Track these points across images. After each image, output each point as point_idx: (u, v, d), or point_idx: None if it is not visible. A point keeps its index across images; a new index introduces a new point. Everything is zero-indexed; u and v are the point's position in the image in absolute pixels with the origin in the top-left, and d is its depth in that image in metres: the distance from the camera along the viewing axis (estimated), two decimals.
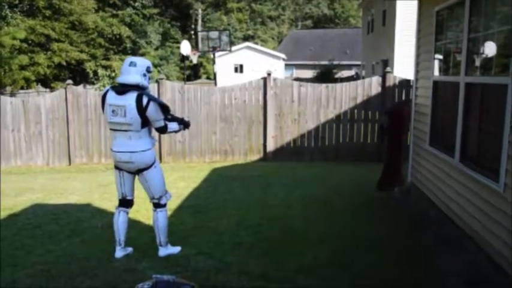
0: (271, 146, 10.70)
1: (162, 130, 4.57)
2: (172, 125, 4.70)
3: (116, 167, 4.60)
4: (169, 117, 4.66)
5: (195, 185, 8.29)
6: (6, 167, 11.05)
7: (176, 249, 4.76)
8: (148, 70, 4.46)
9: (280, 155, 10.67)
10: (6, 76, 22.20)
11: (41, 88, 25.71)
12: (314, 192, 7.45)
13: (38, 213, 6.58)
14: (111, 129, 4.47)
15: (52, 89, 24.37)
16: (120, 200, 4.69)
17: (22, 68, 23.57)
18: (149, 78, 4.50)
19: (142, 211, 6.09)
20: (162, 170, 4.70)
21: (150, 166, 4.52)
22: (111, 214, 6.04)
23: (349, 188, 7.43)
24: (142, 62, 4.46)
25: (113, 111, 4.31)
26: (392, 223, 5.76)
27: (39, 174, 10.24)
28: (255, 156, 10.83)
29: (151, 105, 4.31)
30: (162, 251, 4.68)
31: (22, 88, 24.40)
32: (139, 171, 4.51)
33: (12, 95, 20.86)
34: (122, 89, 4.31)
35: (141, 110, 4.27)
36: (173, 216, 6.26)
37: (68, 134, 10.96)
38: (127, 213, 4.72)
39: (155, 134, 4.76)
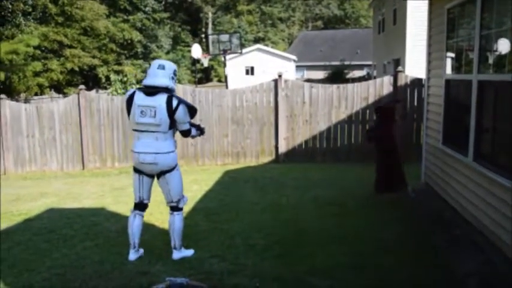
0: (283, 148, 10.68)
1: (186, 133, 4.65)
2: (194, 130, 4.79)
3: (136, 170, 4.60)
4: (191, 122, 4.72)
5: (208, 187, 8.31)
6: (21, 172, 11.19)
7: (190, 252, 4.78)
8: (175, 73, 4.56)
9: (292, 156, 10.65)
10: (20, 83, 22.49)
11: (54, 94, 25.99)
12: (326, 193, 7.42)
13: (52, 218, 6.65)
14: (135, 130, 4.48)
15: (65, 95, 24.62)
16: (136, 204, 4.71)
17: (36, 74, 23.86)
18: (175, 81, 4.58)
19: (156, 214, 6.12)
20: (181, 173, 4.73)
21: (173, 169, 4.55)
22: (125, 218, 6.09)
23: (362, 189, 7.37)
24: (170, 66, 4.55)
25: (142, 111, 4.34)
26: (406, 223, 5.71)
27: (54, 179, 10.34)
28: (267, 158, 10.82)
29: (181, 107, 4.39)
30: (176, 254, 4.69)
31: (36, 94, 24.70)
32: (160, 174, 4.53)
33: (26, 101, 21.11)
34: (151, 90, 4.36)
35: (171, 111, 4.33)
36: (186, 218, 6.26)
37: (81, 139, 11.06)
38: (142, 216, 4.74)
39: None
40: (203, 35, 50.71)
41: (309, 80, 28.10)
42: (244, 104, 10.76)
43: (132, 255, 4.70)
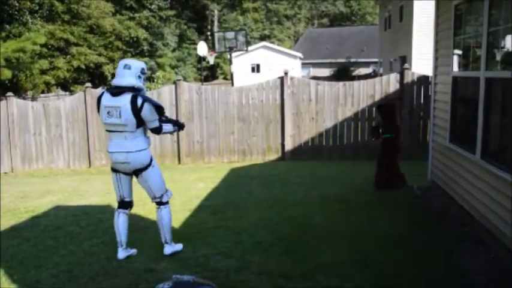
0: (289, 145, 10.67)
1: (157, 131, 4.61)
2: (167, 126, 4.74)
3: (113, 169, 4.68)
4: (164, 118, 4.70)
5: (214, 185, 8.31)
6: (28, 169, 11.25)
7: (180, 246, 4.81)
8: (142, 72, 4.51)
9: (298, 154, 10.64)
10: (27, 81, 22.56)
11: (60, 92, 26.07)
12: (333, 190, 7.41)
13: (59, 215, 6.69)
14: (106, 130, 4.54)
15: (71, 92, 24.69)
16: (118, 202, 4.77)
17: (42, 72, 23.92)
18: (144, 80, 4.54)
19: None
20: (160, 169, 4.74)
21: (147, 166, 4.56)
22: (131, 215, 6.11)
23: (368, 187, 7.35)
24: (137, 64, 4.52)
25: (108, 112, 4.39)
26: (413, 220, 5.69)
27: (60, 176, 10.40)
28: (273, 156, 10.82)
29: (146, 106, 4.37)
30: (168, 249, 4.71)
31: (43, 92, 24.77)
32: (136, 172, 4.57)
33: (33, 99, 21.21)
34: (116, 90, 4.39)
35: (136, 110, 4.34)
36: (192, 216, 6.30)
37: (87, 136, 11.11)
38: (126, 214, 4.78)
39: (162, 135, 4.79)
40: (209, 33, 50.71)
41: (314, 78, 28.07)
42: (250, 101, 10.76)
43: (121, 254, 4.71)
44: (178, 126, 4.91)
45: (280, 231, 5.44)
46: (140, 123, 4.42)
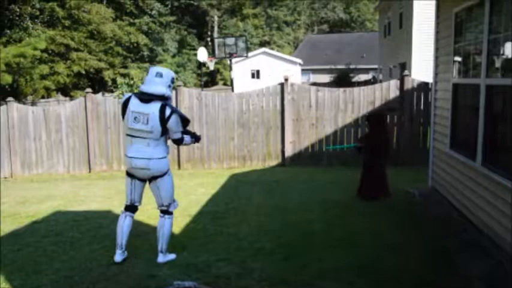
0: (289, 151, 10.68)
1: (178, 142, 4.68)
2: (187, 138, 4.78)
3: (128, 174, 4.68)
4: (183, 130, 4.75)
5: (214, 191, 8.31)
6: (28, 175, 11.24)
7: (173, 256, 4.81)
8: (172, 81, 4.58)
9: (298, 160, 10.65)
10: (27, 86, 22.62)
11: (61, 97, 26.12)
12: (333, 197, 7.41)
13: (59, 220, 6.67)
14: (128, 135, 4.54)
15: (72, 98, 24.73)
16: (127, 206, 4.79)
17: (43, 77, 23.98)
18: (172, 89, 4.60)
19: None
20: (173, 179, 4.76)
21: (165, 174, 4.59)
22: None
23: None
24: (168, 74, 4.56)
25: (135, 117, 4.40)
26: (413, 227, 5.69)
27: (61, 181, 10.39)
28: (273, 162, 10.82)
29: (174, 117, 4.43)
30: (161, 258, 4.72)
31: (43, 97, 24.84)
32: (152, 178, 4.59)
33: (33, 104, 21.24)
34: (146, 97, 4.41)
35: (163, 120, 4.38)
36: (193, 222, 6.30)
37: (87, 142, 11.10)
38: (132, 217, 4.81)
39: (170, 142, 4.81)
40: (209, 39, 50.81)
41: (314, 84, 28.12)
42: (251, 107, 10.77)
43: (118, 257, 4.74)
44: (196, 138, 4.94)
45: (281, 237, 5.44)
46: (164, 131, 4.47)
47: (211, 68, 25.18)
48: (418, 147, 10.02)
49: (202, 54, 22.44)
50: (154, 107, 4.37)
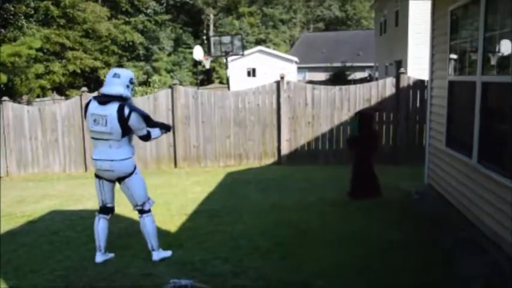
0: (285, 150, 10.67)
1: (146, 138, 4.68)
2: (155, 132, 4.77)
3: (96, 175, 4.70)
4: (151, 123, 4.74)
5: (211, 189, 8.30)
6: (24, 174, 11.20)
7: (168, 253, 4.82)
8: (131, 81, 4.57)
9: (294, 158, 10.64)
10: (22, 85, 22.50)
11: (56, 96, 25.99)
12: (330, 195, 7.40)
13: (55, 220, 6.65)
14: (92, 137, 4.57)
15: (67, 97, 24.62)
16: (100, 207, 4.79)
17: (38, 76, 23.86)
18: (132, 90, 4.60)
19: (158, 216, 6.10)
20: (142, 177, 4.76)
21: (131, 174, 4.59)
22: (128, 219, 6.11)
23: None
24: (126, 74, 4.57)
25: (95, 120, 4.43)
26: (410, 225, 5.70)
27: (56, 181, 10.35)
28: (269, 160, 10.82)
29: (133, 115, 4.43)
30: (156, 255, 4.72)
31: (38, 96, 24.70)
32: (119, 180, 4.61)
33: (28, 103, 21.12)
34: (104, 99, 4.44)
35: (123, 120, 4.38)
36: (189, 220, 6.29)
37: (83, 141, 11.07)
38: (107, 220, 4.80)
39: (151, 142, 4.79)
40: (205, 37, 50.71)
41: (310, 82, 28.13)
42: (247, 105, 10.76)
43: (98, 258, 4.76)
44: (165, 128, 4.92)
45: (278, 236, 5.43)
46: (125, 132, 4.46)
47: (207, 66, 25.11)
48: (414, 144, 10.03)
49: (198, 52, 22.38)
50: (112, 108, 4.38)
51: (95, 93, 16.14)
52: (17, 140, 11.20)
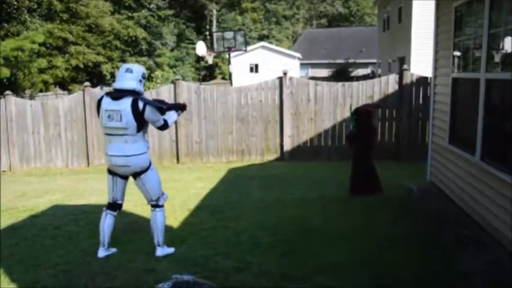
0: (288, 146, 10.67)
1: (164, 127, 4.66)
2: (172, 118, 4.73)
3: (110, 172, 4.69)
4: (165, 107, 4.71)
5: (213, 185, 8.31)
6: (27, 168, 11.22)
7: (171, 250, 4.81)
8: (143, 76, 4.57)
9: (297, 154, 10.64)
10: (25, 79, 22.50)
11: (59, 90, 26.01)
12: (332, 191, 7.40)
13: (58, 214, 6.66)
14: (106, 133, 4.56)
15: (70, 92, 24.64)
16: (109, 203, 4.79)
17: (41, 71, 23.83)
18: (143, 84, 4.60)
19: None
20: (157, 172, 4.76)
21: (147, 169, 4.59)
22: (131, 215, 6.12)
23: None
24: (138, 69, 4.58)
25: (109, 116, 4.42)
26: (412, 221, 5.69)
27: (59, 175, 10.37)
28: (271, 156, 10.82)
29: (148, 108, 4.42)
30: (160, 251, 4.72)
31: (41, 91, 24.71)
32: (135, 175, 4.60)
33: (31, 97, 21.16)
34: (117, 94, 4.44)
35: (137, 114, 4.38)
36: (191, 216, 6.29)
37: (86, 136, 11.09)
38: (114, 216, 4.81)
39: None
40: (207, 33, 50.67)
41: (313, 78, 28.07)
42: (249, 101, 10.75)
43: (101, 253, 4.78)
44: (181, 108, 4.91)
45: (280, 232, 5.43)
46: (140, 126, 4.45)
47: (210, 62, 25.13)
48: (417, 141, 10.02)
49: (200, 48, 22.38)
50: (126, 102, 4.38)
51: (98, 88, 16.10)
52: (19, 135, 11.22)
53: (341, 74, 33.89)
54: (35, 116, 11.21)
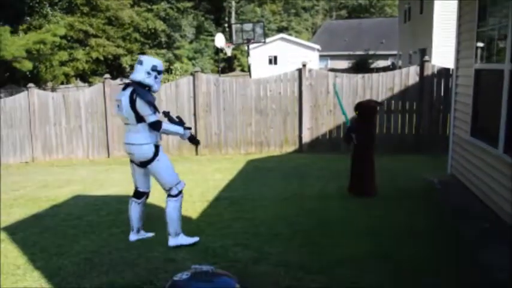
0: (306, 138, 10.63)
1: (154, 126, 4.53)
2: (169, 126, 4.69)
3: (130, 159, 4.89)
4: (177, 120, 4.79)
5: (231, 176, 8.34)
6: (49, 159, 11.43)
7: (188, 241, 4.77)
8: (153, 69, 4.54)
9: (315, 146, 10.60)
10: (47, 72, 22.85)
11: (79, 83, 26.35)
12: None
13: (79, 205, 6.78)
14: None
15: (90, 84, 24.93)
16: (134, 191, 4.99)
17: (62, 63, 24.17)
18: (155, 77, 4.56)
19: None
20: (169, 162, 4.76)
21: (152, 160, 4.64)
22: (150, 205, 6.17)
23: (387, 180, 7.28)
24: (148, 61, 4.61)
25: (118, 105, 4.62)
26: (432, 214, 5.63)
27: (80, 166, 10.53)
28: (290, 148, 10.80)
29: (137, 100, 4.47)
30: (171, 241, 4.74)
31: (62, 83, 25.06)
32: (143, 164, 4.71)
33: (53, 90, 21.49)
34: (127, 85, 4.61)
35: (134, 105, 4.48)
36: (210, 207, 6.33)
37: (106, 127, 11.22)
38: (138, 203, 4.95)
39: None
40: (226, 25, 50.58)
41: (332, 70, 27.90)
42: (268, 93, 10.73)
43: (132, 237, 5.02)
44: (183, 125, 4.78)
45: (299, 223, 5.43)
46: (139, 117, 4.52)
47: (229, 54, 25.11)
48: (438, 134, 9.88)
49: (219, 40, 22.40)
50: (127, 93, 4.52)
51: (118, 80, 16.28)
52: (42, 126, 11.41)
53: (361, 65, 33.63)
54: (57, 108, 11.39)
